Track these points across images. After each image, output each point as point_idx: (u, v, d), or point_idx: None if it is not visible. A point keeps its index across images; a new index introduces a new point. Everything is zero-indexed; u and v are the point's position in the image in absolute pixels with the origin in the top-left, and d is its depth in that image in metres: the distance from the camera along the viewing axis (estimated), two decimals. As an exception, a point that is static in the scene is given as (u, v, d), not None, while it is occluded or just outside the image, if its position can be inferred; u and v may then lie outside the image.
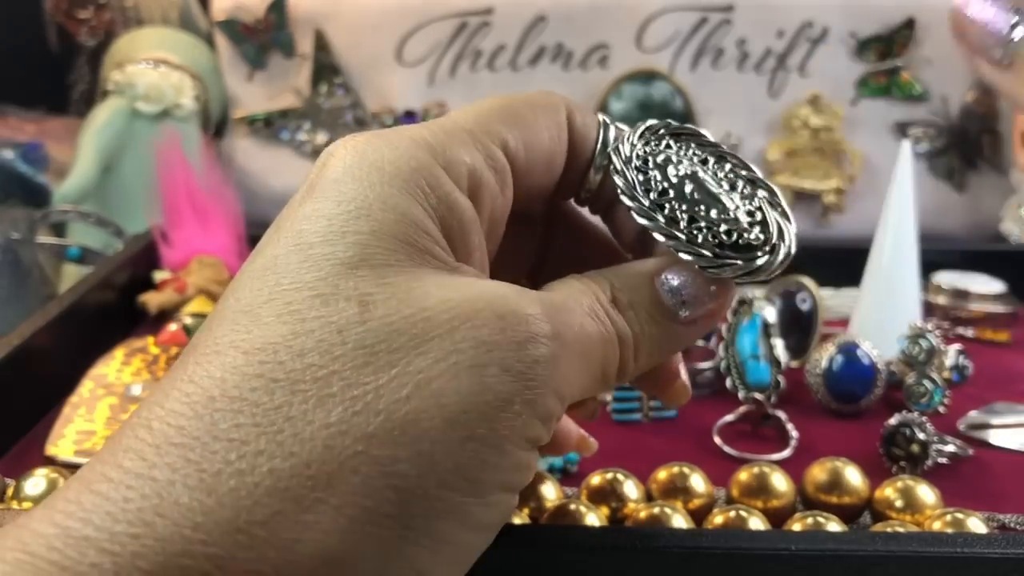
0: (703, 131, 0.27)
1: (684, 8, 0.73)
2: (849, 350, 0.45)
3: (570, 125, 0.25)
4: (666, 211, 0.24)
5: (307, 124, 0.76)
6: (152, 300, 0.54)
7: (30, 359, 0.43)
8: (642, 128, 0.26)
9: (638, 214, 0.24)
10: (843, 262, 0.54)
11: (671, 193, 0.24)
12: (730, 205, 0.24)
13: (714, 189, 0.25)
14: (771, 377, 0.44)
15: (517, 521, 0.32)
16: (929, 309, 0.57)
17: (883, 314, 0.49)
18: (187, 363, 0.19)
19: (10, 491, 0.35)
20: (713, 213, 0.24)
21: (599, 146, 0.25)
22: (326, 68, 0.75)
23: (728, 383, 0.45)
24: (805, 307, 0.51)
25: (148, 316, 0.54)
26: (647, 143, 0.26)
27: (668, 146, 0.26)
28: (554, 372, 0.20)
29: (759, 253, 0.24)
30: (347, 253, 0.20)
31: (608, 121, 0.26)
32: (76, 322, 0.47)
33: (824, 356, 0.46)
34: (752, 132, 0.74)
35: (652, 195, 0.24)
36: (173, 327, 0.51)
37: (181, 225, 0.58)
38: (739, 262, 0.23)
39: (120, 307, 0.54)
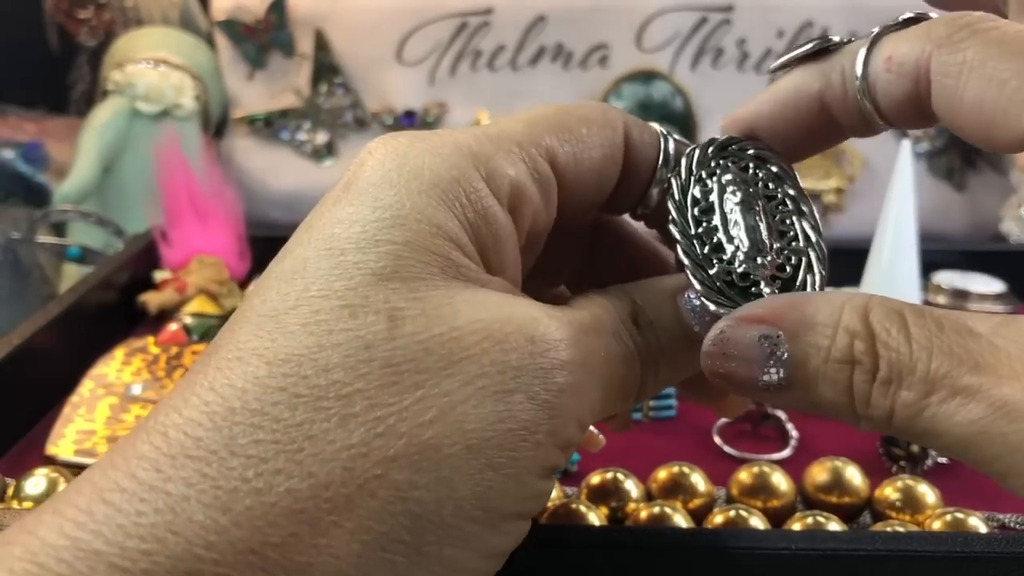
0: (792, 169, 0.25)
1: (684, 8, 0.73)
2: (849, 350, 0.45)
3: (628, 142, 0.24)
4: (700, 230, 0.23)
5: (307, 124, 0.76)
6: (152, 300, 0.54)
7: (30, 359, 0.43)
8: (721, 140, 0.25)
9: (672, 223, 0.23)
10: (843, 262, 0.54)
11: (715, 214, 0.23)
12: (763, 250, 0.23)
13: (760, 228, 0.24)
14: (771, 377, 0.44)
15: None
16: (929, 309, 0.57)
17: (883, 314, 0.49)
18: (208, 367, 0.18)
19: (10, 491, 0.35)
20: (740, 251, 0.23)
21: (660, 162, 0.24)
22: (326, 68, 0.75)
23: (728, 383, 0.45)
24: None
25: (148, 316, 0.54)
26: (722, 157, 0.24)
27: (744, 168, 0.24)
28: (578, 400, 0.20)
29: None
30: (379, 263, 0.19)
31: (667, 133, 0.25)
32: (76, 322, 0.47)
33: (824, 356, 0.46)
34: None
35: (697, 209, 0.23)
36: (173, 327, 0.51)
37: (181, 225, 0.58)
38: (733, 306, 0.22)
39: (120, 307, 0.54)
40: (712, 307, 0.22)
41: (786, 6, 0.73)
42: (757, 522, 0.32)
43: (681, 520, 0.32)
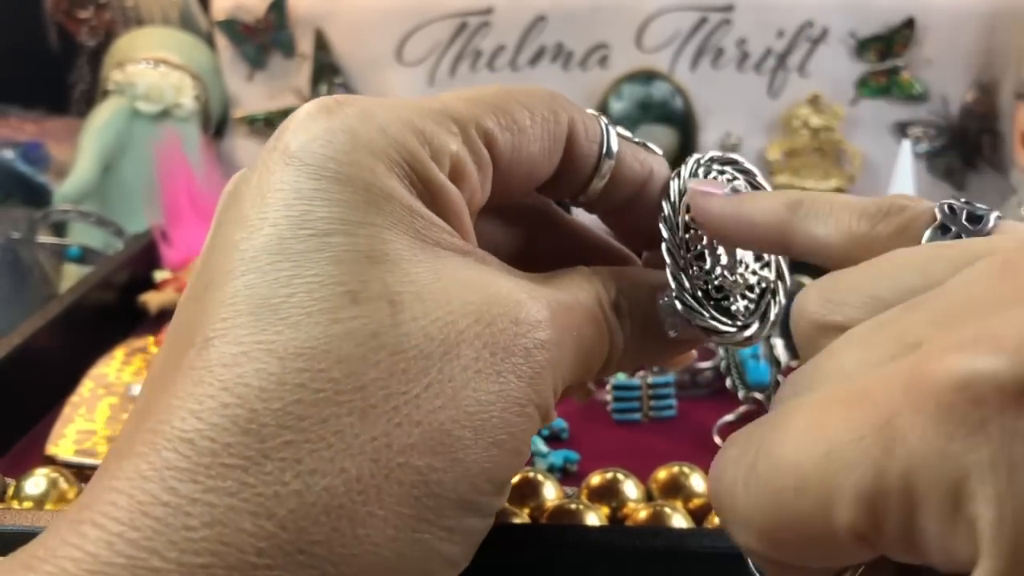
0: None
1: (684, 8, 0.73)
2: (849, 350, 0.45)
3: (572, 137, 0.24)
4: (686, 235, 0.25)
5: (307, 124, 0.76)
6: (152, 300, 0.54)
7: (30, 359, 0.43)
8: (721, 156, 0.26)
9: (662, 221, 0.24)
10: (843, 262, 0.54)
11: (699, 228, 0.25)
12: (740, 269, 0.25)
13: (739, 248, 0.25)
14: (771, 377, 0.44)
15: (517, 521, 0.32)
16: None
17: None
18: (210, 364, 0.18)
19: (10, 491, 0.35)
20: (720, 264, 0.25)
21: (603, 154, 0.25)
22: (326, 68, 0.75)
23: (728, 383, 0.45)
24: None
25: (148, 316, 0.54)
26: (720, 173, 0.26)
27: (735, 189, 0.26)
28: (554, 375, 0.21)
29: (728, 322, 0.24)
30: (369, 244, 0.19)
31: (610, 125, 0.26)
32: (76, 322, 0.47)
33: (824, 356, 0.46)
34: (752, 132, 0.74)
35: (687, 215, 0.25)
36: (173, 327, 0.51)
37: (181, 225, 0.58)
38: (704, 314, 0.24)
39: (120, 307, 0.54)
40: (681, 309, 0.24)
41: (786, 6, 0.73)
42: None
43: (681, 520, 0.32)
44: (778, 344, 0.46)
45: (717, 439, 0.42)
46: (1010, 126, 0.72)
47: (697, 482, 0.35)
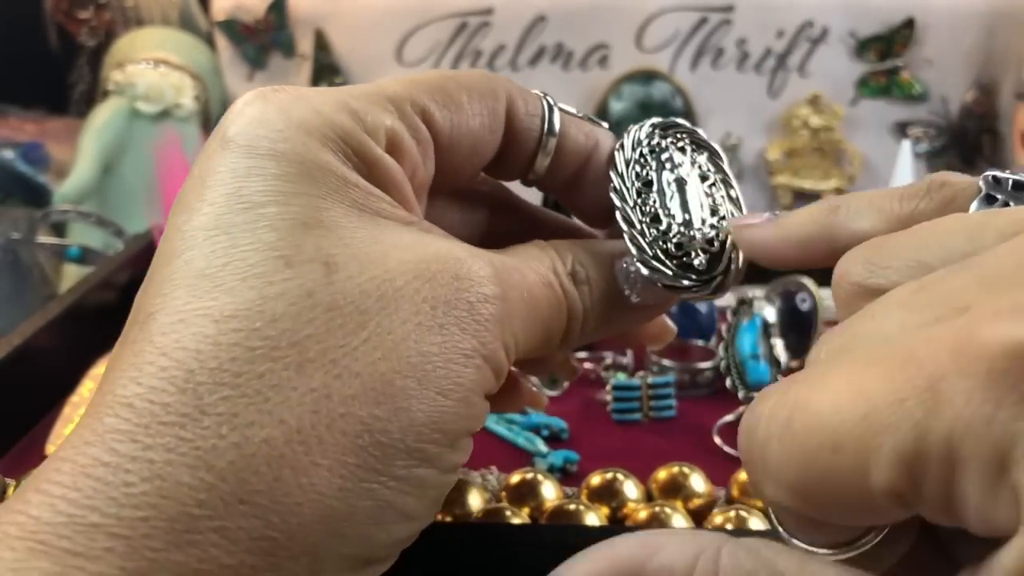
0: (719, 149, 0.27)
1: (684, 8, 0.73)
2: (849, 350, 0.45)
3: (512, 113, 0.25)
4: (639, 199, 0.25)
5: (307, 124, 0.76)
6: (152, 300, 0.54)
7: (30, 359, 0.43)
8: (662, 122, 0.27)
9: (613, 191, 0.25)
10: (843, 262, 0.54)
11: (653, 187, 0.25)
12: (696, 224, 0.25)
13: (692, 204, 0.26)
14: (771, 377, 0.44)
15: (517, 521, 0.32)
16: (929, 309, 0.57)
17: (883, 314, 0.49)
18: (150, 333, 0.19)
19: (10, 491, 0.35)
20: (676, 223, 0.25)
21: (545, 131, 0.26)
22: (326, 68, 0.75)
23: (728, 383, 0.45)
24: (805, 307, 0.51)
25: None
26: (663, 138, 0.27)
27: (682, 150, 0.27)
28: (503, 330, 0.21)
29: (692, 276, 0.25)
30: (303, 212, 0.20)
31: (553, 103, 0.26)
32: (76, 322, 0.47)
33: (824, 356, 0.46)
34: (752, 132, 0.74)
35: (638, 182, 0.25)
36: (173, 327, 0.51)
37: (181, 225, 0.57)
38: (668, 272, 0.24)
39: (120, 307, 0.54)
40: (646, 272, 0.24)
41: (786, 6, 0.73)
42: (757, 522, 0.32)
43: (681, 520, 0.32)
44: (778, 344, 0.46)
45: (717, 439, 0.42)
46: (1010, 126, 0.72)
47: (697, 482, 0.35)
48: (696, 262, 0.25)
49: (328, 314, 0.19)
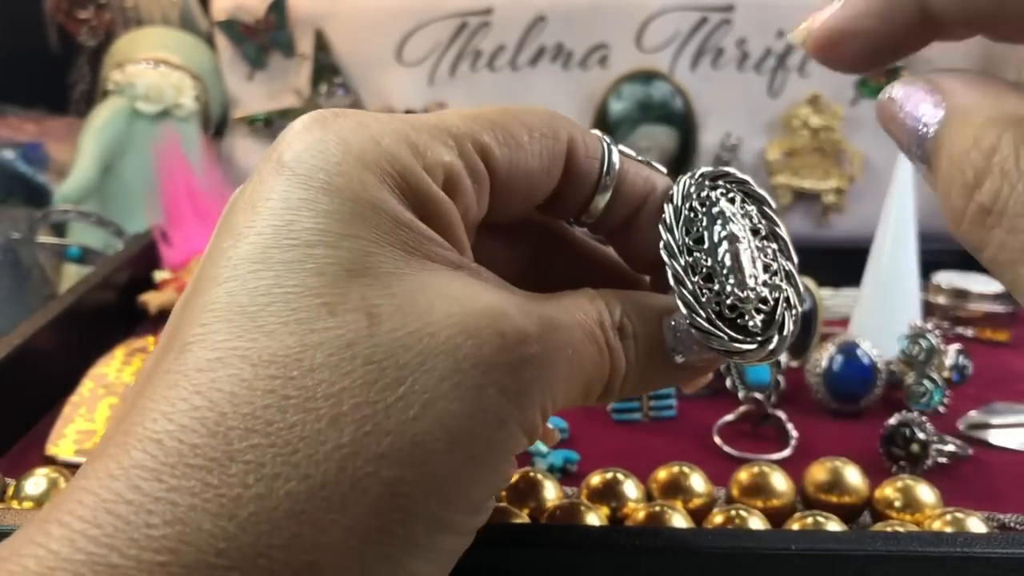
0: (768, 198, 0.26)
1: (684, 8, 0.73)
2: (849, 350, 0.46)
3: (572, 154, 0.24)
4: (690, 258, 0.24)
5: (307, 124, 0.76)
6: (152, 300, 0.54)
7: (30, 359, 0.43)
8: (711, 172, 0.26)
9: (664, 248, 0.24)
10: (843, 262, 0.54)
11: (705, 244, 0.24)
12: (750, 283, 0.24)
13: (745, 261, 0.24)
14: (771, 377, 0.44)
15: (517, 521, 0.32)
16: (929, 309, 0.57)
17: (883, 314, 0.49)
18: (187, 368, 0.18)
19: (10, 491, 0.35)
20: (729, 283, 0.24)
21: (604, 172, 0.25)
22: (326, 68, 0.75)
23: (728, 383, 0.45)
24: (805, 307, 0.51)
25: (148, 316, 0.54)
26: (713, 189, 0.26)
27: (731, 200, 0.26)
28: (542, 392, 0.21)
29: (747, 339, 0.24)
30: (351, 258, 0.19)
31: (612, 144, 0.26)
32: (76, 322, 0.47)
33: (824, 356, 0.46)
34: (752, 132, 0.74)
35: (688, 238, 0.24)
36: (173, 327, 0.51)
37: (181, 225, 0.58)
38: (724, 337, 0.23)
39: (120, 307, 0.54)
40: (698, 335, 0.23)
41: (786, 6, 0.73)
42: (757, 522, 0.32)
43: (681, 520, 0.32)
44: (778, 344, 0.46)
45: (717, 439, 0.42)
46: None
47: (697, 482, 0.35)
48: (750, 324, 0.24)
49: (365, 367, 0.18)
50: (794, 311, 0.25)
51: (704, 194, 0.25)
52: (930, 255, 0.53)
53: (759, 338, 0.24)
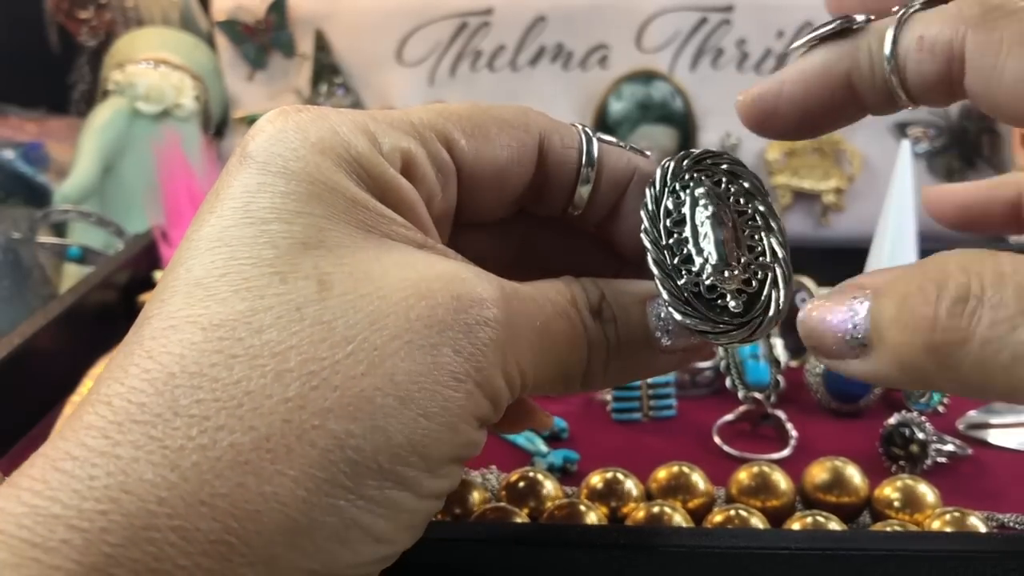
0: (763, 185, 0.26)
1: (684, 8, 0.73)
2: (849, 350, 0.45)
3: (547, 147, 0.25)
4: (671, 241, 0.24)
5: (307, 124, 0.76)
6: (152, 300, 0.54)
7: (31, 359, 0.43)
8: (697, 153, 0.25)
9: (644, 232, 0.24)
10: (843, 262, 0.54)
11: (685, 226, 0.24)
12: (732, 263, 0.24)
13: (728, 242, 0.24)
14: (771, 376, 0.45)
15: (517, 521, 0.32)
16: (929, 309, 0.57)
17: (883, 314, 0.49)
18: (142, 337, 0.19)
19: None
20: (710, 264, 0.24)
21: (584, 163, 0.25)
22: (326, 68, 0.75)
23: (728, 383, 0.45)
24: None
25: (148, 316, 0.53)
26: (697, 171, 0.25)
27: (717, 183, 0.25)
28: (504, 357, 0.21)
29: (728, 320, 0.23)
30: (305, 232, 0.20)
31: (592, 133, 0.25)
32: (76, 322, 0.47)
33: (824, 356, 0.46)
34: (752, 132, 0.74)
35: (668, 220, 0.24)
36: (173, 327, 0.51)
37: (181, 225, 0.58)
38: (699, 317, 0.23)
39: (120, 307, 0.54)
40: (678, 317, 0.23)
41: (786, 6, 0.73)
42: (757, 522, 0.32)
43: (681, 520, 0.32)
44: (778, 344, 0.46)
45: (717, 439, 0.42)
46: (1009, 127, 0.72)
47: (697, 481, 0.35)
48: (731, 305, 0.23)
49: (314, 328, 0.19)
50: (780, 291, 0.24)
51: (688, 176, 0.25)
52: (930, 255, 0.53)
53: (741, 319, 0.23)
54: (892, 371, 0.20)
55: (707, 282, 0.23)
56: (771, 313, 0.24)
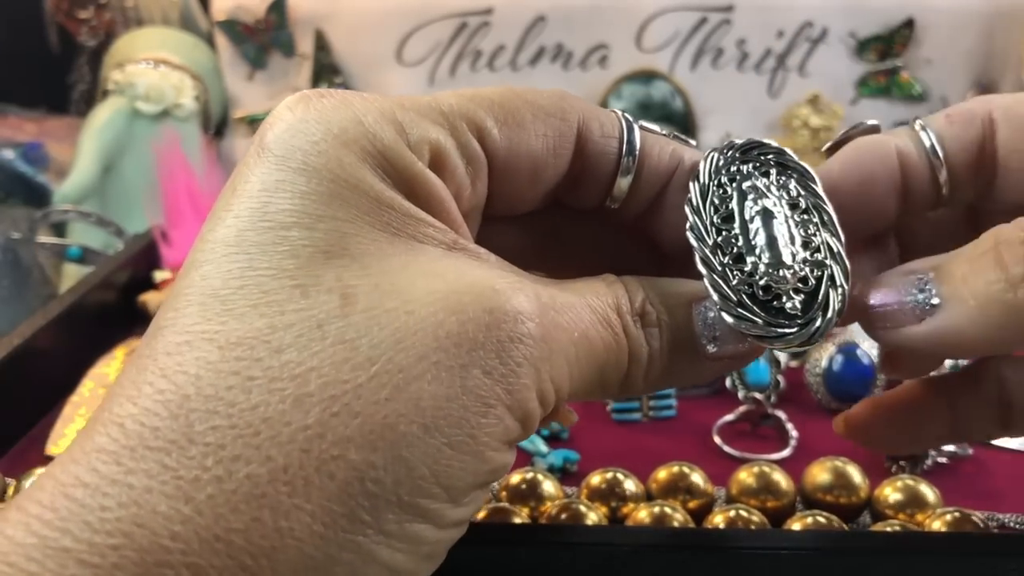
0: (810, 170, 0.24)
1: (684, 8, 0.73)
2: (849, 350, 0.45)
3: (586, 135, 0.23)
4: (719, 238, 0.22)
5: (307, 124, 0.76)
6: (152, 300, 0.54)
7: (31, 359, 0.43)
8: (743, 143, 0.24)
9: (690, 230, 0.22)
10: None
11: (735, 222, 0.22)
12: (787, 262, 0.22)
13: (781, 237, 0.22)
14: (771, 377, 0.44)
15: (517, 521, 0.32)
16: (929, 309, 0.57)
17: (883, 314, 0.49)
18: (156, 352, 0.18)
19: (10, 490, 0.35)
20: (763, 262, 0.22)
21: (624, 152, 0.23)
22: (326, 68, 0.75)
23: (728, 383, 0.45)
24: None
25: (148, 316, 0.54)
26: (744, 162, 0.23)
27: (766, 174, 0.23)
28: (539, 374, 0.19)
29: (786, 322, 0.21)
30: (327, 240, 0.19)
31: (632, 120, 0.24)
32: (76, 322, 0.47)
33: (824, 356, 0.46)
34: (752, 132, 0.73)
35: (716, 216, 0.22)
36: (173, 327, 0.51)
37: (181, 225, 0.58)
38: (757, 321, 0.21)
39: (120, 307, 0.54)
40: (731, 320, 0.21)
41: (786, 6, 0.73)
42: (757, 522, 0.32)
43: (681, 520, 0.32)
44: (778, 344, 0.46)
45: (717, 439, 0.42)
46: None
47: (697, 481, 0.35)
48: (788, 306, 0.21)
49: (336, 347, 0.18)
50: (840, 289, 0.22)
51: (734, 168, 0.23)
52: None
53: (799, 321, 0.22)
54: (965, 322, 0.20)
55: (762, 283, 0.22)
56: (830, 314, 0.22)
